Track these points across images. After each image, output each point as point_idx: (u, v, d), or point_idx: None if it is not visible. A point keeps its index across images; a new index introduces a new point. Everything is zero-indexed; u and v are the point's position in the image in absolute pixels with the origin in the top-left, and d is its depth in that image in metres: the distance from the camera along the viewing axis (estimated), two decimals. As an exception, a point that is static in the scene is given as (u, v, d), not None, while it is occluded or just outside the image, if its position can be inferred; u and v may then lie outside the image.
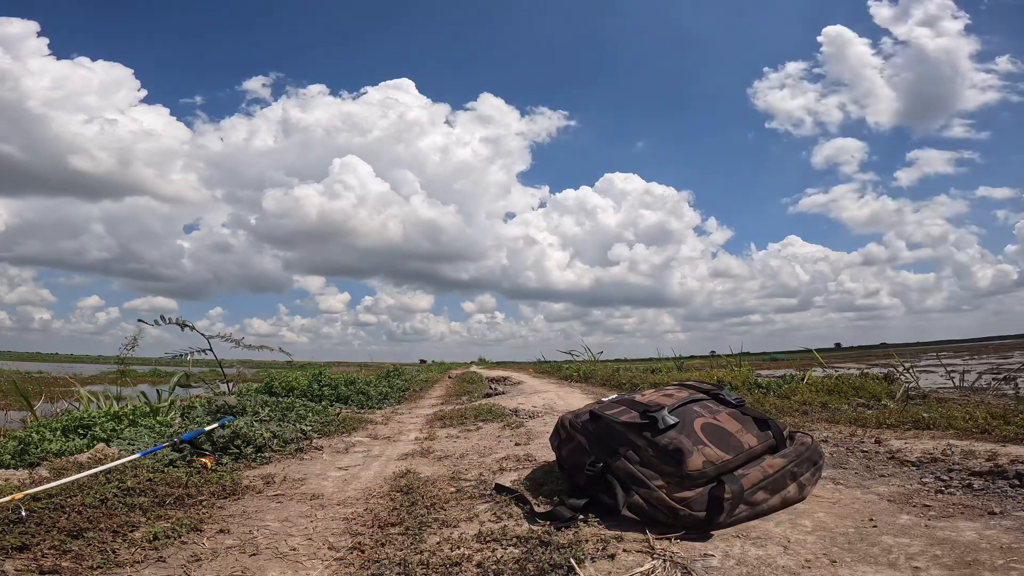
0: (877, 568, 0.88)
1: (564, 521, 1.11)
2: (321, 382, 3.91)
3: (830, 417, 2.46)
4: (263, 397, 3.05)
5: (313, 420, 2.63)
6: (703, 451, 1.14)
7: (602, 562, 0.94)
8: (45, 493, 1.22)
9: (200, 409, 2.61)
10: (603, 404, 1.35)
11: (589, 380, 6.32)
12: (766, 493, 1.14)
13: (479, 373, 8.60)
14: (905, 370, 3.81)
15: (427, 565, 0.94)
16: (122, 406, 2.48)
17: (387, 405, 3.84)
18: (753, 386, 3.64)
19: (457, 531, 1.11)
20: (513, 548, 1.00)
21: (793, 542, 1.00)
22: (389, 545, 1.04)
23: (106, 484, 1.32)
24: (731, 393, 1.41)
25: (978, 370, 4.25)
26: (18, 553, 0.97)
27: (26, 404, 2.96)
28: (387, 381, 4.80)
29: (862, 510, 1.18)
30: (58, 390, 5.16)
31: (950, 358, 6.03)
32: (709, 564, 0.92)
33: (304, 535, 1.14)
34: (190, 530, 1.13)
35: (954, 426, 2.01)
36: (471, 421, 2.71)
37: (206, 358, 3.51)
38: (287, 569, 0.98)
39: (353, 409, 3.53)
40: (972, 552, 0.92)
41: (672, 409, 1.25)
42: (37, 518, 1.10)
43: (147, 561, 0.98)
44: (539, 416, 2.90)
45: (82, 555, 0.97)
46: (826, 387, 3.26)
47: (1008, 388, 3.39)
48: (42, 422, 2.18)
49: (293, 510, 1.32)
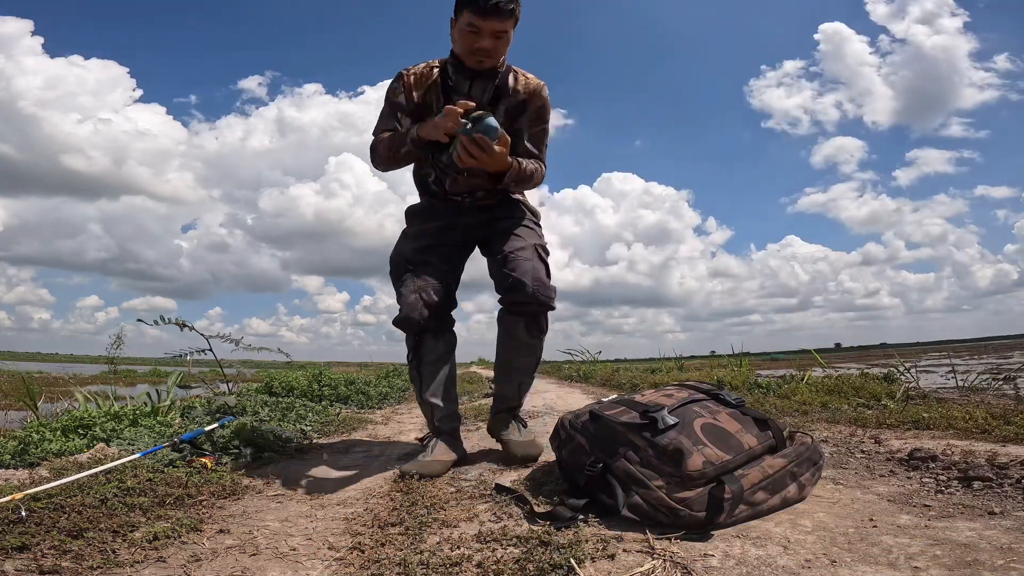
0: (877, 568, 0.88)
1: (564, 521, 1.11)
2: (321, 382, 3.91)
3: (830, 417, 2.46)
4: (263, 397, 3.05)
5: (313, 420, 2.63)
6: (703, 451, 1.14)
7: (602, 562, 0.94)
8: (45, 493, 1.22)
9: (200, 409, 2.61)
10: (603, 404, 1.35)
11: (589, 380, 6.31)
12: (766, 493, 1.14)
13: (479, 373, 8.59)
14: (905, 370, 3.81)
15: (427, 565, 0.94)
16: (122, 406, 2.47)
17: (387, 405, 3.84)
18: (753, 386, 3.64)
19: (457, 531, 1.11)
20: (513, 548, 1.00)
21: (793, 542, 1.00)
22: (389, 545, 1.04)
23: (106, 484, 1.32)
24: (731, 393, 1.41)
25: (978, 370, 4.25)
26: (18, 553, 0.97)
27: (30, 404, 2.95)
28: (387, 381, 4.80)
29: (862, 510, 1.18)
30: (58, 390, 5.16)
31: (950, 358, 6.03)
32: (709, 564, 0.92)
33: (304, 535, 1.14)
34: (190, 530, 1.13)
35: (954, 426, 2.01)
36: (471, 421, 2.71)
37: (206, 358, 3.51)
38: (287, 569, 0.98)
39: (353, 409, 3.52)
40: (972, 552, 0.92)
41: (672, 409, 1.25)
42: (37, 518, 1.10)
43: (147, 561, 0.98)
44: (539, 416, 2.90)
45: (82, 555, 0.97)
46: (826, 387, 3.26)
47: (1008, 388, 3.39)
48: (42, 422, 2.18)
49: (293, 510, 1.32)
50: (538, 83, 1.74)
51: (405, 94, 1.72)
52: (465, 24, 1.58)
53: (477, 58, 1.62)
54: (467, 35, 1.59)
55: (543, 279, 1.69)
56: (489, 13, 1.53)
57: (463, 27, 1.59)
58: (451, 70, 1.70)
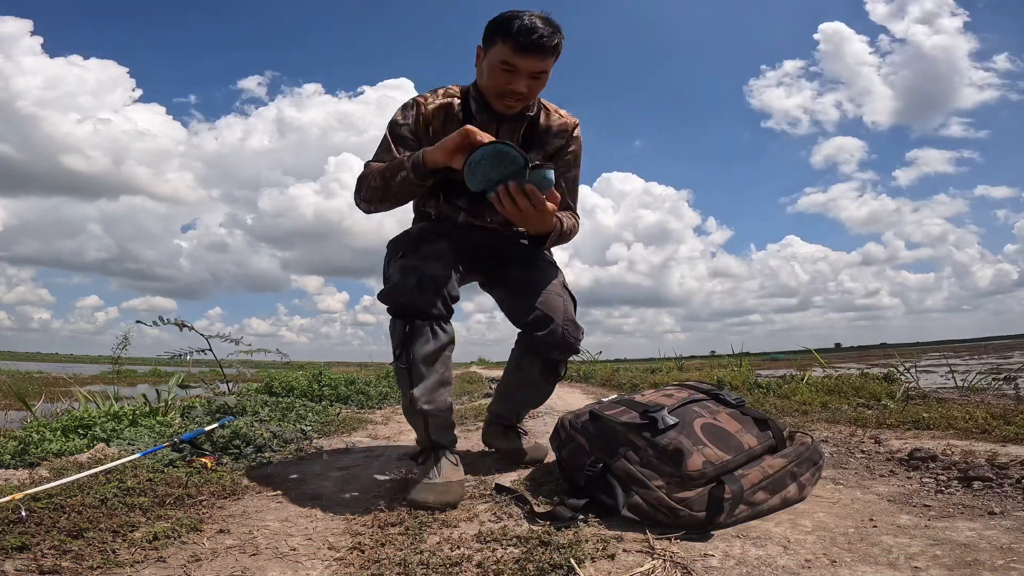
0: (877, 568, 0.88)
1: (564, 521, 1.11)
2: (321, 382, 3.91)
3: (830, 417, 2.46)
4: (263, 397, 3.05)
5: (313, 420, 2.63)
6: (703, 451, 1.14)
7: (602, 562, 0.94)
8: (45, 493, 1.22)
9: (200, 409, 2.61)
10: (603, 404, 1.35)
11: (589, 380, 6.31)
12: (766, 493, 1.14)
13: (479, 373, 8.59)
14: (905, 370, 3.82)
15: (427, 565, 0.94)
16: (121, 406, 2.47)
17: (387, 405, 3.84)
18: (753, 386, 3.64)
19: (457, 531, 1.11)
20: (513, 548, 1.00)
21: (793, 542, 1.00)
22: (389, 545, 1.04)
23: (106, 484, 1.32)
24: (731, 393, 1.41)
25: (978, 370, 4.25)
26: (18, 553, 0.97)
27: (25, 405, 2.95)
28: (387, 381, 4.79)
29: (862, 510, 1.18)
30: (58, 390, 5.16)
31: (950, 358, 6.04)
32: (709, 564, 0.92)
33: (304, 535, 1.14)
34: (190, 530, 1.12)
35: (954, 426, 2.01)
36: (471, 421, 2.71)
37: (206, 358, 3.51)
38: (287, 569, 0.98)
39: (353, 409, 3.52)
40: (972, 552, 0.92)
41: (672, 409, 1.25)
42: (37, 518, 1.10)
43: (147, 561, 0.98)
44: (539, 416, 2.90)
45: (82, 555, 0.97)
46: (826, 387, 3.26)
47: (1008, 388, 3.39)
48: (42, 422, 2.18)
49: (293, 510, 1.31)
50: (573, 122, 1.51)
51: (416, 125, 1.42)
52: (498, 59, 1.31)
53: (507, 102, 1.36)
54: (499, 73, 1.32)
55: (574, 318, 1.48)
56: (530, 49, 1.27)
57: (495, 62, 1.32)
58: (474, 107, 1.42)
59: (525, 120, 1.45)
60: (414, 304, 1.31)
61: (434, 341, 1.33)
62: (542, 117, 1.48)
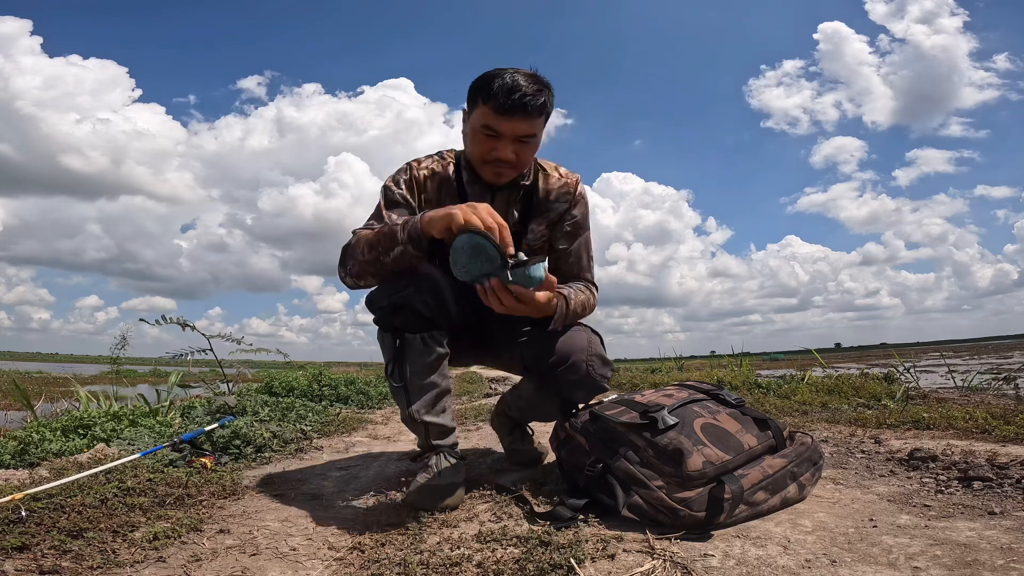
0: (877, 568, 0.88)
1: (564, 521, 1.11)
2: (321, 382, 3.91)
3: (830, 417, 2.46)
4: (263, 397, 3.05)
5: (313, 420, 2.63)
6: (703, 451, 1.14)
7: (602, 562, 0.94)
8: (45, 493, 1.22)
9: (200, 409, 2.61)
10: (603, 404, 1.35)
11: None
12: (766, 493, 1.14)
13: (479, 373, 8.59)
14: (905, 370, 3.82)
15: (427, 565, 0.94)
16: (122, 406, 2.47)
17: (387, 405, 3.84)
18: (753, 386, 3.64)
19: (457, 531, 1.11)
20: (513, 548, 1.00)
21: (793, 542, 1.00)
22: (389, 545, 1.04)
23: (106, 484, 1.32)
24: (731, 393, 1.41)
25: (978, 370, 4.25)
26: (18, 553, 0.97)
27: (26, 404, 2.95)
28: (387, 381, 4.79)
29: (862, 510, 1.18)
30: (58, 390, 5.16)
31: (950, 358, 6.04)
32: (709, 564, 0.92)
33: (304, 535, 1.14)
34: (190, 530, 1.13)
35: (954, 426, 2.01)
36: (471, 421, 2.71)
37: (206, 358, 3.51)
38: (287, 569, 0.98)
39: (353, 409, 3.52)
40: (972, 552, 0.92)
41: (672, 409, 1.25)
42: (37, 518, 1.10)
43: (147, 561, 0.98)
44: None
45: (82, 555, 0.97)
46: (826, 387, 3.26)
47: (1008, 388, 3.39)
48: (42, 422, 2.18)
49: (293, 510, 1.31)
50: (575, 180, 1.36)
51: (409, 192, 1.29)
52: (480, 123, 1.18)
53: (495, 170, 1.23)
54: (482, 138, 1.19)
55: (602, 353, 1.33)
56: (512, 110, 1.13)
57: (477, 126, 1.19)
58: (466, 176, 1.30)
59: (520, 189, 1.31)
60: (408, 303, 1.17)
61: (427, 355, 1.23)
62: (540, 181, 1.33)
